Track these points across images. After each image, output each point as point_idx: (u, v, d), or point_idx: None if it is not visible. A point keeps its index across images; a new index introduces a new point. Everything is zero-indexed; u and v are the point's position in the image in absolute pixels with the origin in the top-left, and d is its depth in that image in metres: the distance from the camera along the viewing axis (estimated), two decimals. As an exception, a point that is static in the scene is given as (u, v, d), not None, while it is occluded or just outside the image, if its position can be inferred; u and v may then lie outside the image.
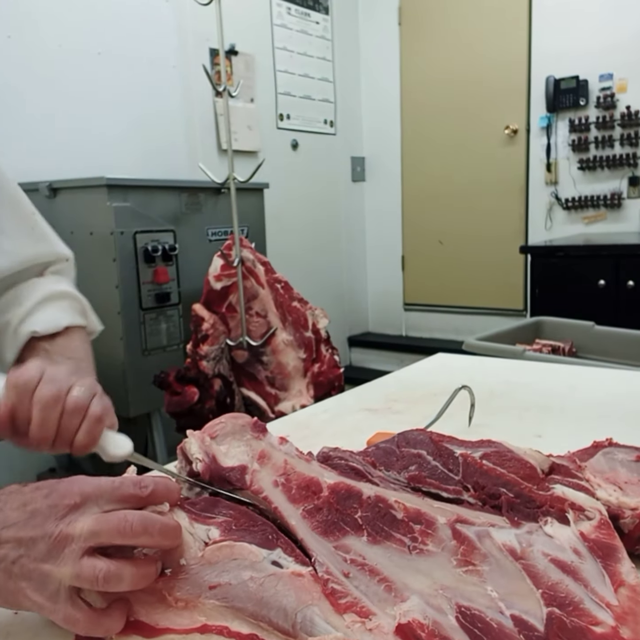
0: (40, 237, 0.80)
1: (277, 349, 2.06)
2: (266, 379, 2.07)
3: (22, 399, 0.51)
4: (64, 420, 0.51)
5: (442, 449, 0.58)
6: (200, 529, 0.47)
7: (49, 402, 0.50)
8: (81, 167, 2.47)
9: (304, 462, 0.54)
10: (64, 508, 0.42)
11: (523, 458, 0.57)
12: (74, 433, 0.51)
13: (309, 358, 2.12)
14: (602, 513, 0.50)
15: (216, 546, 0.45)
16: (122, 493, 0.43)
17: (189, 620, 0.42)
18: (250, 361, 2.08)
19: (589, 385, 1.06)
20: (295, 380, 2.08)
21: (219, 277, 2.05)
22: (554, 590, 0.44)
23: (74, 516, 0.41)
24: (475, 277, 4.10)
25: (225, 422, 0.57)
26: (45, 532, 0.41)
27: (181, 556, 0.45)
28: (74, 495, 0.42)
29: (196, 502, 0.49)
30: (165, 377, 1.98)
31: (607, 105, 3.44)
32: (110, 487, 0.43)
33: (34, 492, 0.43)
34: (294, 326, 2.11)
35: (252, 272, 2.11)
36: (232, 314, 2.05)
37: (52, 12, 2.56)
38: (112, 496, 0.43)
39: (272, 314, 2.09)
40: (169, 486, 0.46)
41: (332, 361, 2.16)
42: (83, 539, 0.40)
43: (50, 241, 0.82)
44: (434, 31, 4.05)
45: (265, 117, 3.65)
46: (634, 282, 2.65)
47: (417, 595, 0.43)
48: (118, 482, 0.44)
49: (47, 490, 0.43)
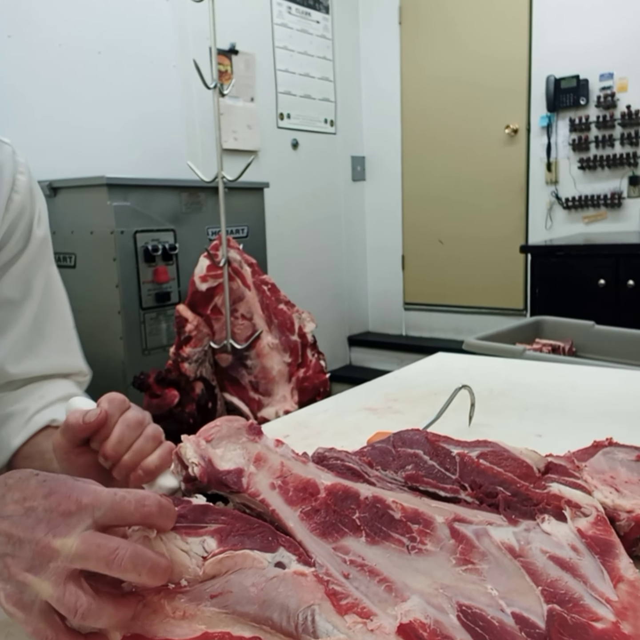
0: (72, 350, 0.87)
1: (262, 352, 2.03)
2: (250, 383, 2.04)
3: (114, 413, 0.54)
4: (140, 442, 0.54)
5: (439, 449, 0.58)
6: (194, 542, 0.45)
7: (133, 423, 0.54)
8: (81, 166, 2.47)
9: (301, 464, 0.54)
10: (57, 515, 0.41)
11: (519, 457, 0.57)
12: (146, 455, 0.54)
13: (294, 362, 2.08)
14: (598, 510, 0.51)
15: (216, 559, 0.44)
16: (121, 509, 0.42)
17: (188, 630, 0.41)
18: (234, 365, 2.04)
19: (589, 385, 1.06)
20: (279, 385, 2.04)
21: (205, 277, 2.01)
22: (554, 587, 0.44)
23: (65, 528, 0.40)
24: (475, 276, 4.10)
25: (221, 426, 0.57)
26: (34, 537, 0.40)
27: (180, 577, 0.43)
28: (71, 502, 0.41)
29: (185, 514, 0.47)
30: (144, 378, 1.95)
31: (608, 104, 3.44)
32: (110, 499, 0.42)
33: (38, 487, 0.42)
34: (279, 329, 2.08)
35: (239, 273, 2.08)
36: (217, 316, 2.02)
37: (52, 11, 2.56)
38: (110, 510, 0.41)
39: (258, 316, 2.05)
40: (172, 512, 0.44)
41: (318, 366, 2.12)
42: (70, 560, 0.39)
43: (79, 356, 0.88)
44: (434, 31, 4.05)
45: (266, 117, 3.65)
46: (634, 282, 2.65)
47: (417, 594, 0.43)
48: (120, 496, 0.42)
49: (48, 489, 0.42)
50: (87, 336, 2.62)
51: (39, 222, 0.80)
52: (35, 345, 0.80)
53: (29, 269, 0.79)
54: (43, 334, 0.81)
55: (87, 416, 0.52)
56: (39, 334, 0.80)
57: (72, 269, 2.27)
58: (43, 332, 0.81)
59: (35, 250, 0.79)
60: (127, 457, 0.53)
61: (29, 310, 0.79)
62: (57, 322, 0.84)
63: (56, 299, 0.84)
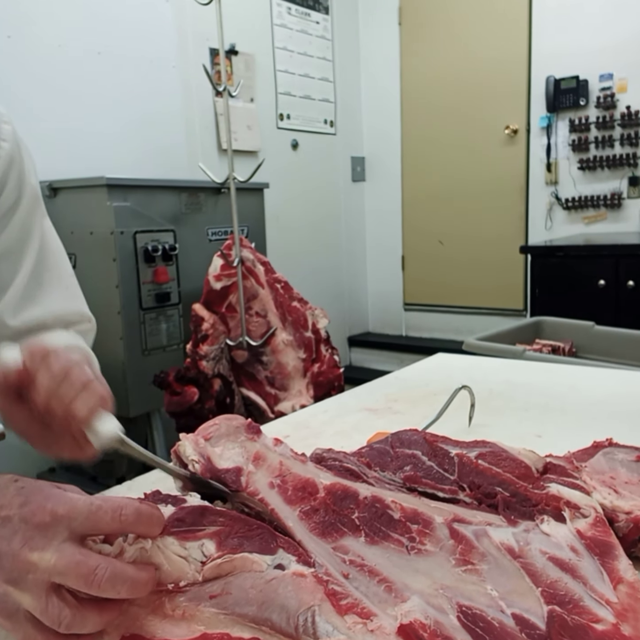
0: (72, 296, 0.87)
1: (277, 348, 2.07)
2: (266, 379, 2.07)
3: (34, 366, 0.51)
4: (66, 388, 0.50)
5: (437, 449, 0.58)
6: (193, 547, 0.44)
7: (57, 372, 0.51)
8: (81, 167, 2.47)
9: (300, 463, 0.54)
10: (33, 526, 0.40)
11: (518, 458, 0.57)
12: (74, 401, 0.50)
13: (308, 358, 2.12)
14: (597, 511, 0.51)
15: (214, 564, 0.43)
16: (98, 520, 0.41)
17: (187, 631, 0.41)
18: (250, 361, 2.08)
19: (589, 385, 1.06)
20: (295, 380, 2.08)
21: (219, 277, 2.05)
22: (554, 588, 0.44)
23: (41, 541, 0.39)
24: (475, 277, 4.10)
25: (219, 424, 0.57)
26: (10, 548, 0.39)
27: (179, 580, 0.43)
28: (46, 513, 0.40)
29: (182, 517, 0.47)
30: (165, 377, 1.99)
31: (607, 105, 3.44)
32: (86, 509, 0.40)
33: (14, 496, 0.41)
34: (293, 326, 2.11)
35: (252, 272, 2.11)
36: (232, 313, 2.05)
37: (52, 12, 2.56)
38: (86, 520, 0.40)
39: (272, 313, 2.09)
40: (153, 518, 0.43)
41: (331, 361, 2.16)
42: (48, 574, 0.39)
43: (80, 302, 0.88)
44: (434, 31, 4.05)
45: (266, 117, 3.65)
46: (634, 282, 2.65)
47: (417, 595, 0.42)
48: (96, 505, 0.41)
49: (24, 497, 0.41)
50: (87, 336, 2.59)
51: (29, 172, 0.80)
52: (33, 294, 0.79)
53: (27, 220, 0.79)
54: (41, 282, 0.80)
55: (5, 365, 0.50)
56: (37, 283, 0.80)
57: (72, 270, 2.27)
58: (41, 280, 0.80)
59: (31, 200, 0.80)
60: (55, 404, 0.50)
61: (29, 261, 0.79)
62: (55, 271, 0.84)
63: (53, 248, 0.84)
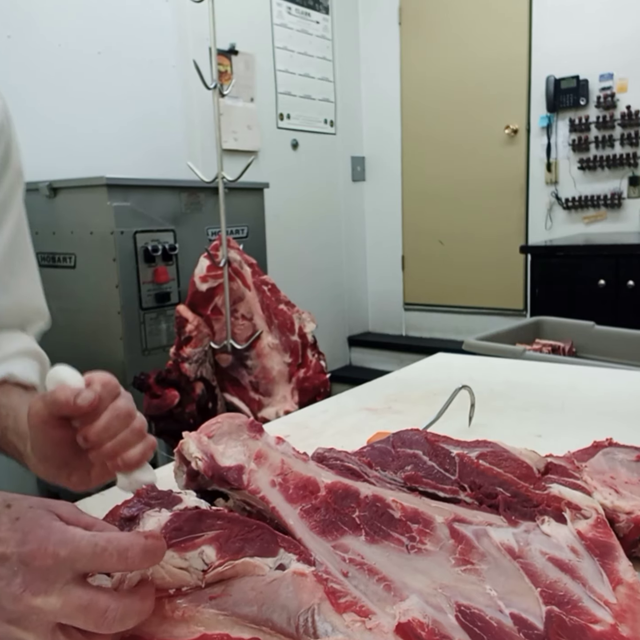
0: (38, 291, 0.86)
1: (262, 352, 2.03)
2: (250, 384, 2.03)
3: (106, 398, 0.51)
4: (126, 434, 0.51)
5: (438, 449, 0.58)
6: (193, 556, 0.44)
7: (123, 413, 0.51)
8: (81, 166, 2.47)
9: (301, 462, 0.54)
10: (33, 570, 0.38)
11: (519, 458, 0.57)
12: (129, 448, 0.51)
13: (294, 363, 2.08)
14: (598, 512, 0.51)
15: (216, 572, 0.43)
16: (103, 562, 0.40)
17: (187, 632, 0.41)
18: (234, 365, 2.03)
19: (589, 385, 1.06)
20: (279, 385, 2.04)
21: (205, 278, 2.01)
22: (553, 588, 0.44)
23: (43, 584, 0.38)
24: (475, 277, 4.10)
25: (222, 422, 0.57)
26: (10, 591, 0.38)
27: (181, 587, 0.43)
28: (47, 556, 0.38)
29: (180, 526, 0.46)
30: (145, 379, 1.93)
31: (608, 105, 3.44)
32: (90, 551, 0.39)
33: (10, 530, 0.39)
34: (279, 330, 2.07)
35: (239, 274, 2.07)
36: (217, 316, 2.01)
37: (52, 12, 2.56)
38: (90, 562, 0.39)
39: (258, 316, 2.05)
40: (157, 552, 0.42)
41: (318, 366, 2.11)
42: (54, 616, 0.38)
43: (41, 297, 0.87)
44: (434, 31, 4.05)
45: (266, 117, 3.65)
46: (634, 282, 2.65)
47: (416, 594, 0.43)
48: (101, 547, 0.40)
49: (21, 534, 0.39)
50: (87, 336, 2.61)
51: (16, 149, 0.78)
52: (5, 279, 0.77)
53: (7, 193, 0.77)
54: (13, 269, 0.79)
55: (80, 399, 0.49)
56: (8, 269, 0.78)
57: (72, 269, 2.27)
58: (13, 267, 0.79)
59: (13, 179, 0.78)
60: (110, 445, 0.50)
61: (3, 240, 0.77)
62: (26, 260, 0.83)
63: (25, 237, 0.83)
